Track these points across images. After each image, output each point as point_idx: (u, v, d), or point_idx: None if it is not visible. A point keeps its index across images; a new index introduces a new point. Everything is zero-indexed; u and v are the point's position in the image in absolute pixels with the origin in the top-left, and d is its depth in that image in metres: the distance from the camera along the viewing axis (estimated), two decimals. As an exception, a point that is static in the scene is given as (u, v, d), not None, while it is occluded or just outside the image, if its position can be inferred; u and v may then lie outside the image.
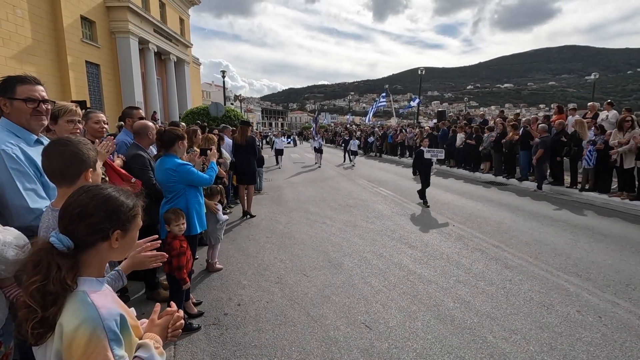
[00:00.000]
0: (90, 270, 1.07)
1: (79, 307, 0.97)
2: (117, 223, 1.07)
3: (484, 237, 5.46)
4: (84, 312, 0.96)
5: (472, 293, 3.65)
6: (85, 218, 1.03)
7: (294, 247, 5.13)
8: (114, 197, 1.08)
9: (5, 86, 1.79)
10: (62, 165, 1.48)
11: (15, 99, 1.80)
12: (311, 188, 10.06)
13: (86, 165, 1.52)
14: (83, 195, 1.06)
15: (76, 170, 1.50)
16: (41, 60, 16.32)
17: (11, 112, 1.81)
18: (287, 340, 2.87)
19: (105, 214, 1.05)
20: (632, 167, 7.28)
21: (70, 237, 1.01)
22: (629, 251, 4.82)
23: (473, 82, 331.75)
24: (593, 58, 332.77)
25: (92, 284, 1.05)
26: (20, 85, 1.80)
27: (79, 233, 1.02)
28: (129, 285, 3.67)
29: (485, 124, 13.45)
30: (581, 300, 3.49)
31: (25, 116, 1.84)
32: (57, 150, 1.49)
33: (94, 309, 0.97)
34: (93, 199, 1.05)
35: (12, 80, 1.81)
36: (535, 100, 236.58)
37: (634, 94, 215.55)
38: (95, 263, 1.08)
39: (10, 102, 1.80)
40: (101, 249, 1.07)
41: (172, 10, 28.73)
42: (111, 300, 1.06)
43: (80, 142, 1.55)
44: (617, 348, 2.73)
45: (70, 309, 0.97)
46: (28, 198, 1.71)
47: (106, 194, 1.08)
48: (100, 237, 1.05)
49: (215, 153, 3.60)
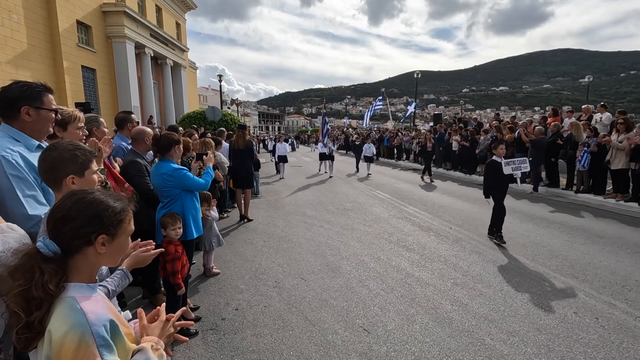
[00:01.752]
0: (80, 276, 1.06)
1: (68, 314, 0.96)
2: (100, 227, 1.05)
3: (481, 240, 5.47)
4: (72, 318, 0.95)
5: (470, 295, 3.66)
6: (68, 222, 1.01)
7: (292, 250, 5.12)
8: (98, 201, 1.07)
9: (31, 95, 1.81)
10: (44, 170, 1.49)
11: (42, 109, 1.84)
12: (308, 191, 10.05)
13: (67, 170, 1.48)
14: (67, 200, 1.05)
15: (56, 175, 1.48)
16: (37, 65, 16.26)
17: (35, 120, 1.83)
18: (285, 345, 2.86)
19: (88, 218, 1.03)
20: (625, 169, 7.35)
21: (56, 241, 1.00)
22: (625, 252, 4.85)
23: (469, 85, 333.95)
24: (586, 61, 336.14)
25: (83, 289, 1.04)
26: (46, 94, 1.86)
27: (64, 237, 1.01)
28: (126, 290, 3.64)
29: (481, 126, 13.54)
30: (578, 301, 3.51)
31: (48, 124, 1.89)
32: (43, 155, 1.51)
33: (82, 314, 0.96)
34: (76, 204, 1.04)
35: (37, 89, 1.83)
36: (531, 103, 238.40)
37: (627, 97, 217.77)
38: (84, 269, 1.07)
39: (37, 111, 1.82)
40: (88, 254, 1.06)
41: (168, 15, 28.76)
42: (101, 306, 1.05)
43: (67, 147, 1.52)
44: (614, 349, 2.75)
45: (59, 315, 0.96)
46: (27, 205, 1.70)
47: (90, 198, 1.07)
48: (84, 242, 1.03)
49: (212, 158, 3.59)
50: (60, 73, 17.46)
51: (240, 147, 6.66)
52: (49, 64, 17.04)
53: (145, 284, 3.71)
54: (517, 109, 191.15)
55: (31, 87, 1.82)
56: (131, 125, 3.79)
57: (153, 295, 3.61)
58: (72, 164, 1.49)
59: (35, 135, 1.87)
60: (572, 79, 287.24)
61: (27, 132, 1.84)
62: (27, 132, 1.84)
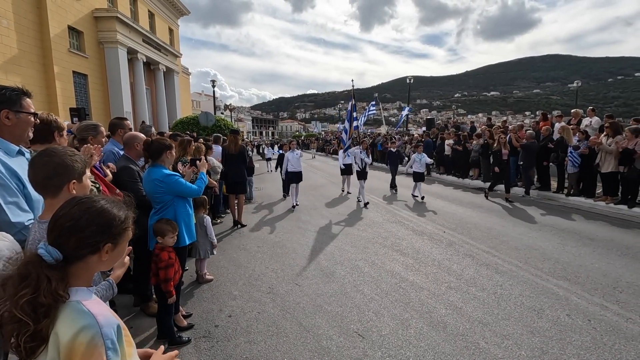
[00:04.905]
0: (80, 281, 1.05)
1: (76, 316, 0.96)
2: (108, 237, 1.06)
3: (474, 243, 5.50)
4: (82, 320, 0.95)
5: (464, 299, 3.66)
6: (77, 232, 1.01)
7: (286, 256, 5.09)
8: (106, 211, 1.07)
9: (10, 98, 1.80)
10: (44, 176, 1.45)
11: (22, 112, 1.83)
12: (302, 197, 10.04)
13: (69, 176, 1.49)
14: (75, 208, 1.04)
15: (59, 181, 1.47)
16: (27, 70, 16.08)
17: (15, 124, 1.81)
18: (280, 352, 2.83)
19: (98, 228, 1.04)
20: (615, 172, 7.47)
21: (60, 249, 0.99)
22: (615, 254, 4.91)
23: (461, 90, 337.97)
24: (575, 67, 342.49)
25: (84, 293, 1.04)
26: (25, 98, 1.86)
27: (69, 246, 1.01)
28: (116, 298, 3.58)
29: (474, 131, 13.69)
30: (570, 304, 3.53)
31: (28, 128, 1.88)
32: (42, 161, 1.47)
33: (92, 316, 0.96)
34: (86, 213, 1.03)
35: (15, 92, 1.82)
36: (521, 108, 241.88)
37: (615, 101, 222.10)
38: (83, 274, 1.07)
39: (17, 114, 1.81)
40: (90, 261, 1.06)
41: (161, 21, 28.73)
42: (106, 309, 1.05)
43: (66, 152, 1.53)
44: (606, 351, 2.76)
45: (66, 319, 0.95)
46: (9, 212, 1.66)
47: (99, 207, 1.06)
48: (90, 251, 1.04)
49: (205, 163, 3.57)
50: (51, 78, 17.29)
51: (233, 152, 6.64)
52: (39, 70, 16.87)
53: (136, 291, 3.66)
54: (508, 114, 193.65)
55: (10, 90, 1.81)
56: (122, 131, 3.77)
57: (144, 302, 3.56)
58: (74, 169, 1.50)
59: (14, 140, 1.84)
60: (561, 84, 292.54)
61: (6, 137, 1.81)
62: (6, 137, 1.81)
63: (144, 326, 3.24)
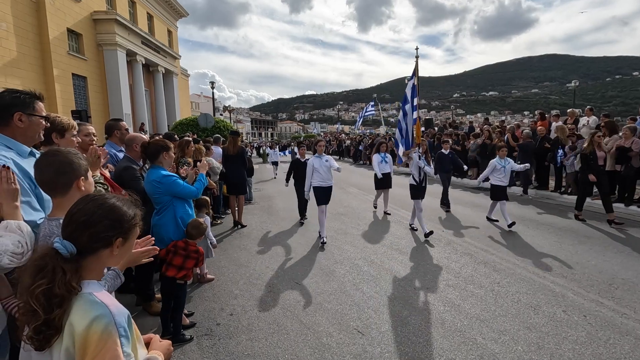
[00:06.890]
0: (92, 274, 1.11)
1: (90, 306, 1.02)
2: (119, 231, 1.12)
3: (473, 242, 5.56)
4: (95, 310, 1.01)
5: (462, 296, 3.72)
6: (91, 226, 1.08)
7: (286, 255, 5.14)
8: (118, 207, 1.14)
9: (24, 102, 1.86)
10: (52, 175, 1.50)
11: (34, 115, 1.89)
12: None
13: (76, 173, 1.54)
14: (90, 204, 1.11)
15: (67, 179, 1.52)
16: (26, 73, 16.12)
17: (27, 126, 1.87)
18: (280, 349, 2.88)
19: (110, 223, 1.10)
20: (611, 171, 7.52)
21: (74, 243, 1.05)
22: (611, 252, 4.96)
23: (459, 90, 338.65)
24: (572, 66, 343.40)
25: (95, 286, 1.10)
26: (37, 102, 1.93)
27: (83, 240, 1.07)
28: (118, 298, 3.62)
29: (472, 130, 13.75)
30: (567, 300, 3.59)
31: (39, 131, 1.94)
32: (47, 161, 1.52)
33: (105, 306, 1.02)
34: (99, 208, 1.10)
35: (29, 96, 1.89)
36: (520, 108, 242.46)
37: (613, 100, 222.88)
38: (95, 268, 1.13)
39: (29, 117, 1.87)
40: (102, 255, 1.12)
41: (160, 23, 28.78)
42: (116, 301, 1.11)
43: (70, 152, 1.59)
44: (601, 345, 2.82)
45: (80, 309, 1.01)
46: (22, 211, 1.71)
47: (111, 203, 1.14)
48: (103, 245, 1.10)
49: (205, 165, 3.61)
50: (50, 81, 17.32)
51: (232, 153, 6.69)
52: (38, 72, 16.91)
53: (138, 290, 3.70)
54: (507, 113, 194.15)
55: (23, 94, 1.88)
56: (119, 133, 3.80)
57: (146, 302, 3.60)
58: (80, 167, 1.56)
59: (26, 141, 1.90)
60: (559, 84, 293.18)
61: (19, 139, 1.87)
62: (19, 139, 1.87)
63: (146, 325, 3.28)
